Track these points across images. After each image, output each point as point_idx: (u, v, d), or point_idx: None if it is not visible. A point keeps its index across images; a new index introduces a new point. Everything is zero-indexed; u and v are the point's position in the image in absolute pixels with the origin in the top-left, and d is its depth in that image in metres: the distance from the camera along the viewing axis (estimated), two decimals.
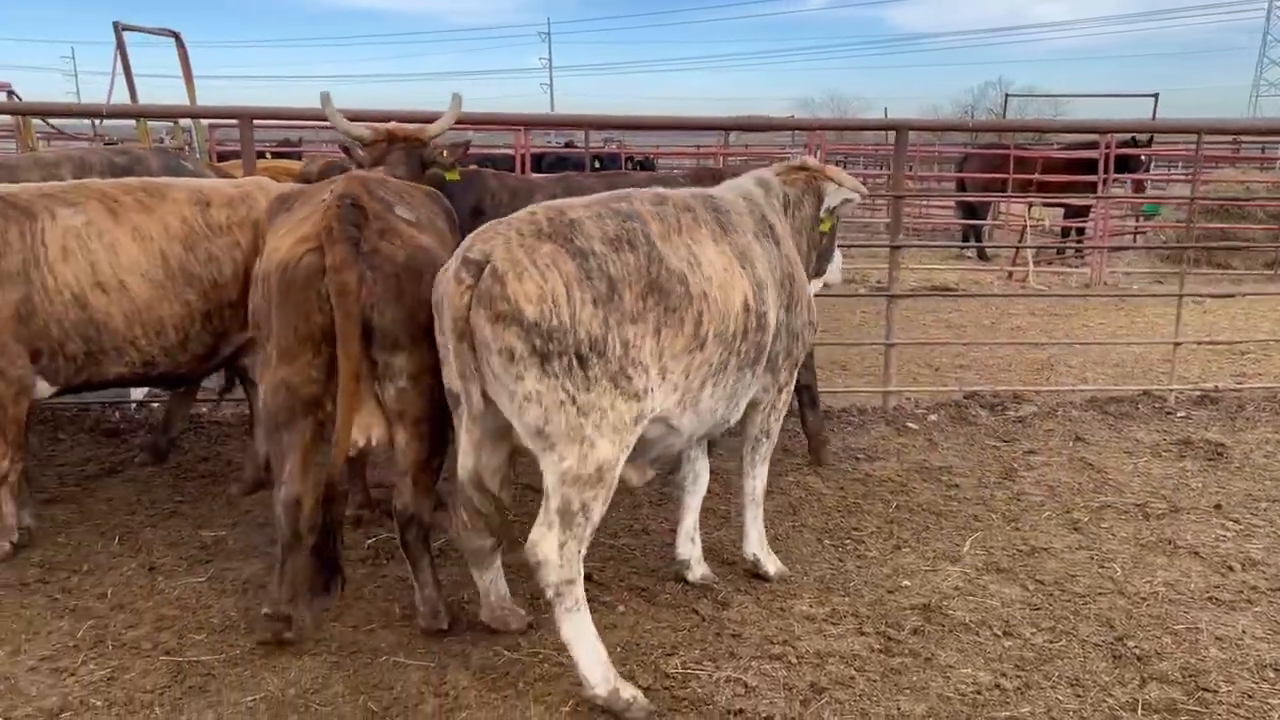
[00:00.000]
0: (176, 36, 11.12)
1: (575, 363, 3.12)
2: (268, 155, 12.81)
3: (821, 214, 4.30)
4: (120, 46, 10.45)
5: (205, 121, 11.86)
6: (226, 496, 5.30)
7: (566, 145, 20.64)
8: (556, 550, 3.22)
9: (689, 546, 4.33)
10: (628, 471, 3.40)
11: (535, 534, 3.25)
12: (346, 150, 5.38)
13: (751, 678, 3.59)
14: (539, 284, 3.10)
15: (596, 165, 16.10)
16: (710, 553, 4.62)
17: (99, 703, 3.43)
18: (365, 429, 3.63)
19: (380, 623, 3.99)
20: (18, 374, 4.28)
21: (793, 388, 4.22)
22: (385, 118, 5.47)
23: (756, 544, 4.33)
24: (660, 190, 3.67)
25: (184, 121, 12.06)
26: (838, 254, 4.78)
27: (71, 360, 4.41)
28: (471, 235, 3.33)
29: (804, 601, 4.16)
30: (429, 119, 5.31)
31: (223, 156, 12.02)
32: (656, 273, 3.32)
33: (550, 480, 3.23)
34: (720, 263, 3.56)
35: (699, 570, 4.33)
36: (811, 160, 4.37)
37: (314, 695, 3.47)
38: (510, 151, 16.37)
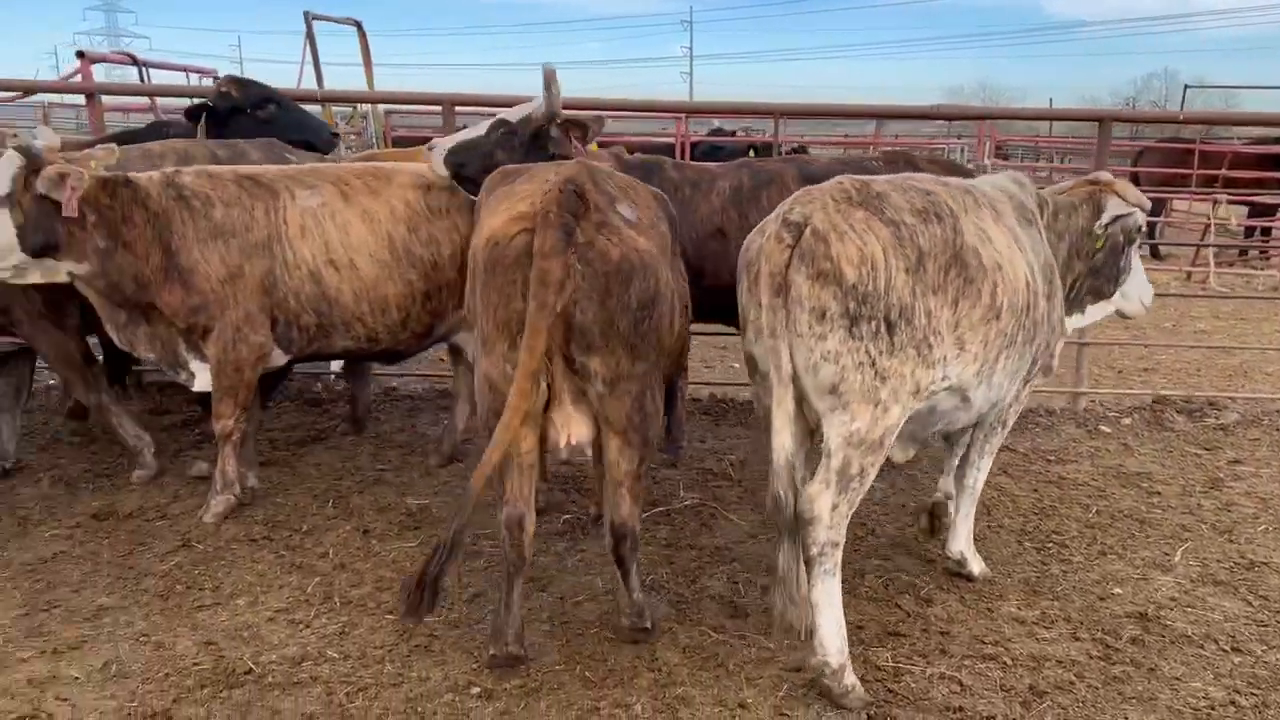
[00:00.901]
0: (358, 25, 11.60)
1: (884, 327, 3.23)
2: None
3: (1096, 228, 4.14)
4: (310, 35, 10.96)
5: (382, 107, 12.40)
6: (425, 466, 5.53)
7: (713, 133, 20.58)
8: (829, 510, 3.31)
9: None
10: (895, 447, 3.48)
11: (812, 489, 3.33)
12: None
13: (966, 676, 3.54)
14: (859, 247, 3.23)
15: (752, 154, 16.07)
16: (900, 547, 4.58)
17: (335, 654, 3.64)
18: (564, 428, 3.43)
19: (585, 595, 4.11)
20: (259, 340, 4.57)
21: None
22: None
23: (965, 541, 4.25)
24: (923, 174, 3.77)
25: (362, 107, 12.62)
26: (1140, 282, 4.41)
27: (304, 331, 4.68)
28: (789, 200, 3.47)
29: (1011, 603, 4.07)
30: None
31: (397, 142, 12.51)
32: (959, 245, 3.41)
33: (834, 440, 3.31)
34: (1003, 240, 3.62)
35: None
36: (1106, 174, 4.28)
37: (534, 662, 3.59)
38: (656, 139, 16.60)
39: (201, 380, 4.69)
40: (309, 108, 12.74)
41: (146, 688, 3.41)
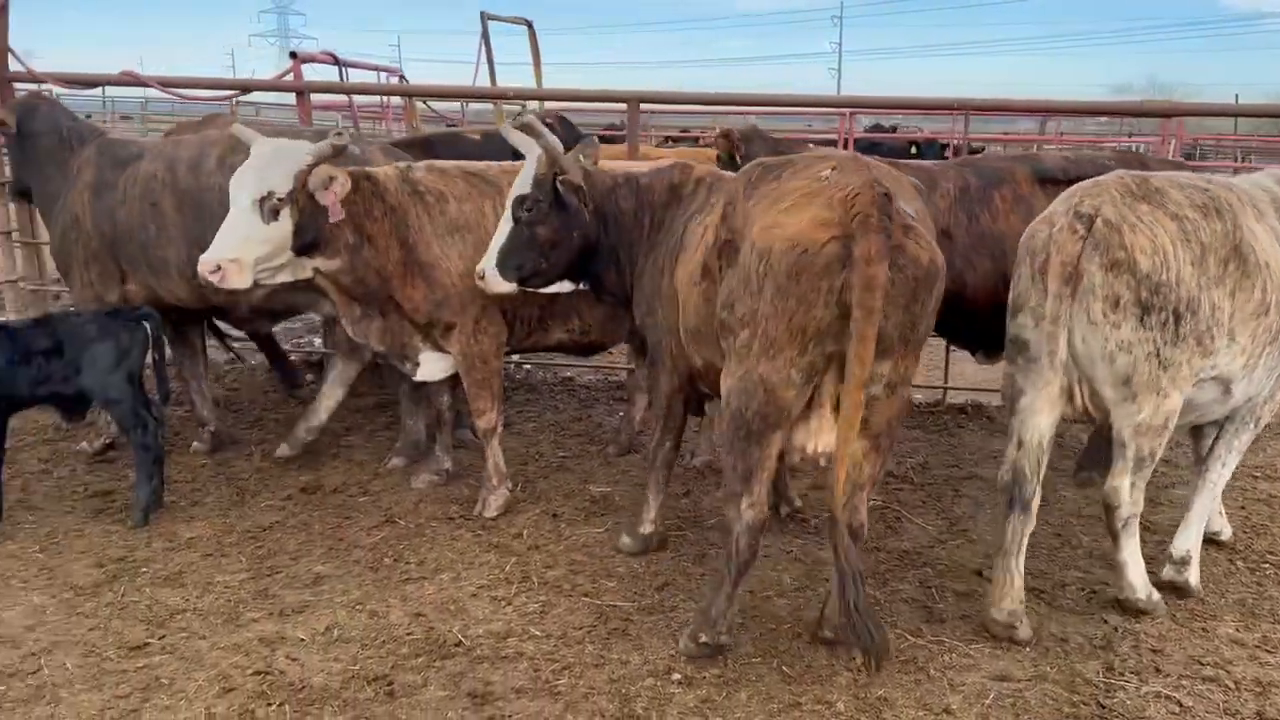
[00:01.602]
0: (529, 25, 11.90)
1: (1171, 318, 3.44)
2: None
3: None
4: (485, 35, 11.31)
5: (549, 105, 12.72)
6: (604, 455, 5.66)
7: (871, 130, 20.18)
8: (1129, 491, 3.68)
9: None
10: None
11: (1116, 482, 3.68)
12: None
13: (1185, 697, 3.39)
14: (1150, 238, 3.42)
15: (914, 151, 15.72)
16: (1099, 559, 4.41)
17: (537, 632, 3.77)
18: (816, 435, 3.38)
19: (774, 590, 4.12)
20: (496, 330, 4.74)
21: None
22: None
23: (1195, 541, 4.07)
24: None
25: (531, 105, 12.97)
26: None
27: (526, 323, 4.85)
28: (1075, 192, 3.64)
29: (1227, 624, 3.88)
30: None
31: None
32: (1238, 240, 3.54)
33: (1125, 431, 3.61)
34: (1267, 238, 3.68)
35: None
36: None
37: (729, 654, 3.63)
38: (807, 136, 16.39)
39: (424, 371, 4.87)
40: (483, 106, 13.15)
41: (366, 653, 3.60)
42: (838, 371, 3.24)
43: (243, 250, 4.23)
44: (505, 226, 4.23)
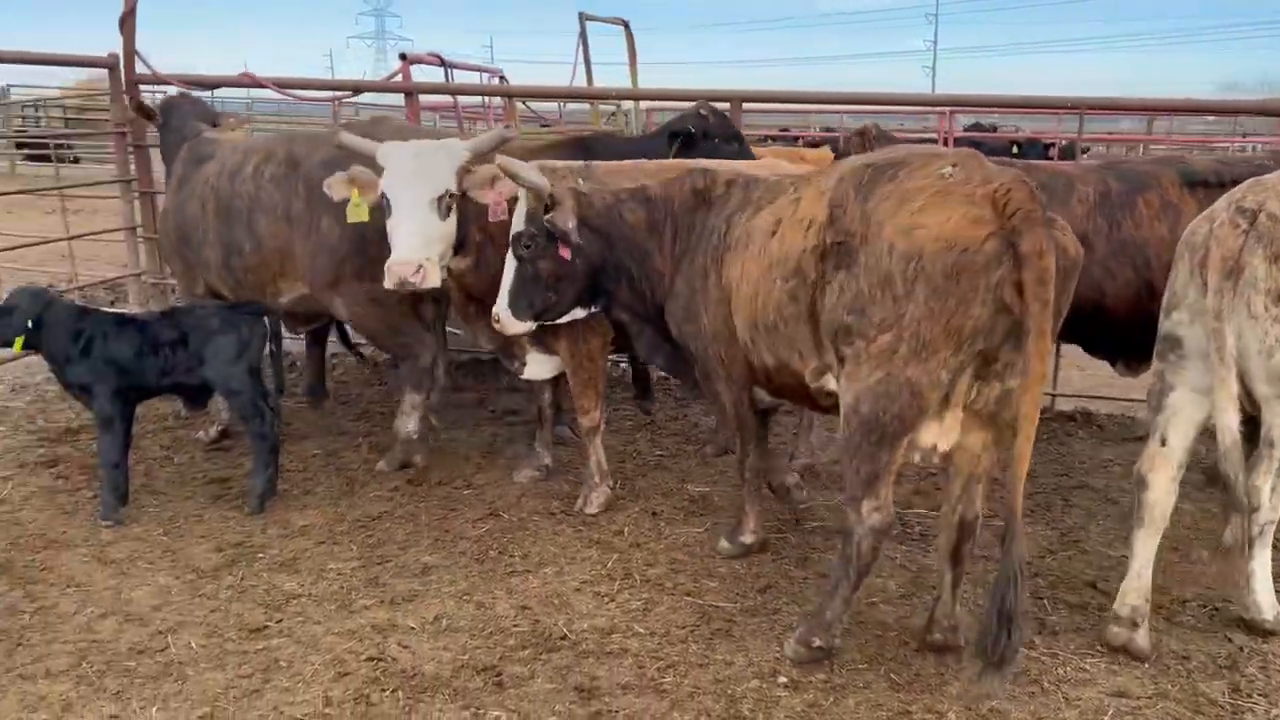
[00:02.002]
0: (625, 25, 11.96)
1: None
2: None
3: None
4: (583, 34, 11.40)
5: (644, 105, 12.77)
6: (701, 455, 5.66)
7: (970, 129, 19.73)
8: (1269, 494, 3.58)
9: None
10: None
11: (1257, 481, 3.55)
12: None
13: None
14: None
15: (1015, 151, 15.33)
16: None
17: (641, 630, 3.78)
18: (946, 433, 3.37)
19: (879, 597, 4.06)
20: (603, 330, 4.80)
21: None
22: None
23: None
24: None
25: (625, 105, 13.03)
26: None
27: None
28: (1237, 190, 3.60)
29: None
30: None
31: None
32: None
33: (1276, 430, 3.51)
34: None
35: None
36: None
37: (835, 659, 3.59)
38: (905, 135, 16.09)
39: (531, 370, 4.96)
40: (580, 106, 13.25)
41: (474, 643, 3.67)
42: (975, 370, 3.26)
43: (432, 249, 4.37)
44: (510, 266, 4.24)
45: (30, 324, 4.44)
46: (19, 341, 4.46)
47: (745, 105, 6.49)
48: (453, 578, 4.15)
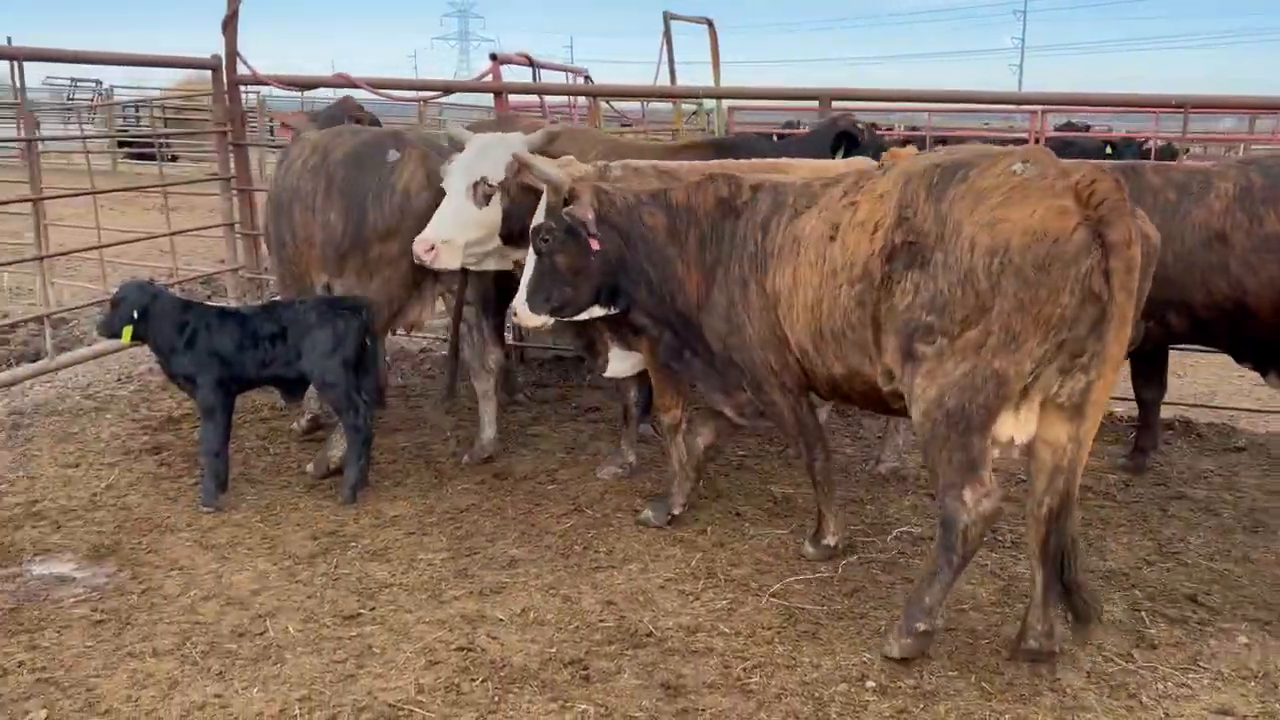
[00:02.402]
0: (709, 24, 11.93)
1: None
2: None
3: None
4: (667, 33, 11.42)
5: (726, 104, 12.74)
6: (784, 456, 5.62)
7: (1062, 128, 19.25)
8: None
9: None
10: None
11: None
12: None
13: None
14: None
15: (1109, 151, 14.90)
16: None
17: (726, 629, 3.78)
18: (1024, 424, 3.42)
19: (970, 605, 3.99)
20: None
21: None
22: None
23: None
24: None
25: (708, 103, 13.02)
26: None
27: None
28: None
29: None
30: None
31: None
32: None
33: None
34: None
35: None
36: None
37: (925, 665, 3.55)
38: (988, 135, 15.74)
39: (613, 368, 5.00)
40: (662, 105, 13.29)
41: (561, 636, 3.70)
42: (1060, 364, 3.33)
43: (456, 232, 4.48)
44: (530, 259, 4.26)
45: (136, 315, 4.62)
46: (128, 332, 4.64)
47: (834, 103, 6.43)
48: (539, 571, 4.20)
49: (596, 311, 4.39)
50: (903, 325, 3.46)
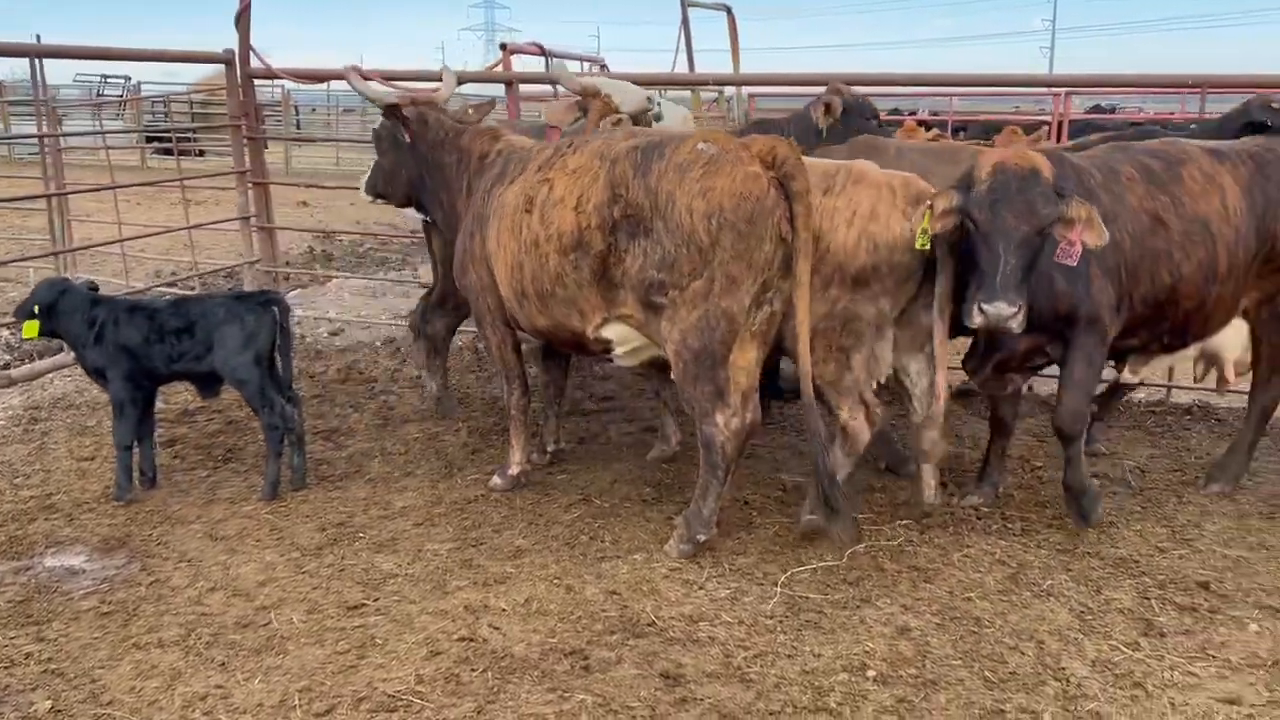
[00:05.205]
0: (728, 10, 11.86)
1: None
2: None
3: None
4: (685, 21, 11.36)
5: (745, 90, 12.65)
6: (793, 446, 5.59)
7: (1091, 111, 18.93)
8: None
9: None
10: None
11: None
12: None
13: None
14: None
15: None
16: None
17: (728, 618, 3.76)
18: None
19: (977, 594, 3.95)
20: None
21: None
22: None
23: None
24: None
25: (728, 91, 12.94)
26: None
27: None
28: None
29: None
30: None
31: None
32: None
33: None
34: None
35: None
36: None
37: (927, 653, 3.52)
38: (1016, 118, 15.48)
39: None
40: (682, 92, 13.29)
41: (563, 626, 3.71)
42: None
43: None
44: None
45: (37, 311, 4.63)
46: (32, 327, 4.67)
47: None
48: (544, 561, 4.20)
49: (411, 211, 5.50)
50: (638, 284, 4.12)
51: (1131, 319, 4.41)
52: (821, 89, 6.12)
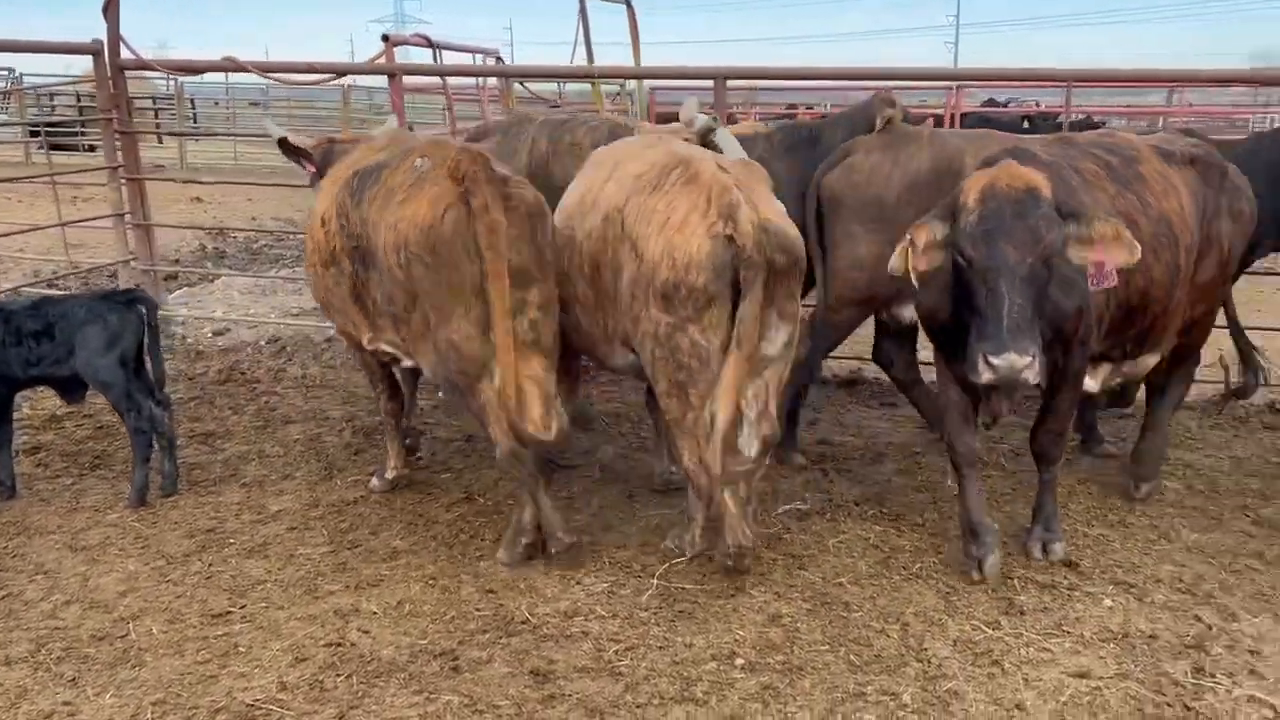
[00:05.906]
0: (628, 3, 11.84)
1: None
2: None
3: None
4: (583, 12, 11.31)
5: (647, 84, 12.66)
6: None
7: (984, 105, 19.48)
8: None
9: None
10: None
11: None
12: None
13: None
14: None
15: (1026, 126, 15.08)
16: (1197, 552, 4.18)
17: (604, 612, 3.76)
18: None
19: (848, 578, 4.02)
20: None
21: None
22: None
23: None
24: None
25: (628, 84, 12.93)
26: None
27: None
28: None
29: None
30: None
31: (662, 119, 12.74)
32: None
33: None
34: None
35: None
36: None
37: (796, 639, 3.57)
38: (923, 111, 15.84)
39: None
40: (579, 86, 13.19)
41: (435, 627, 3.66)
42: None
43: None
44: None
45: None
46: None
47: (730, 83, 6.40)
48: (420, 562, 4.14)
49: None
50: (386, 314, 4.12)
51: (1108, 327, 4.01)
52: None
